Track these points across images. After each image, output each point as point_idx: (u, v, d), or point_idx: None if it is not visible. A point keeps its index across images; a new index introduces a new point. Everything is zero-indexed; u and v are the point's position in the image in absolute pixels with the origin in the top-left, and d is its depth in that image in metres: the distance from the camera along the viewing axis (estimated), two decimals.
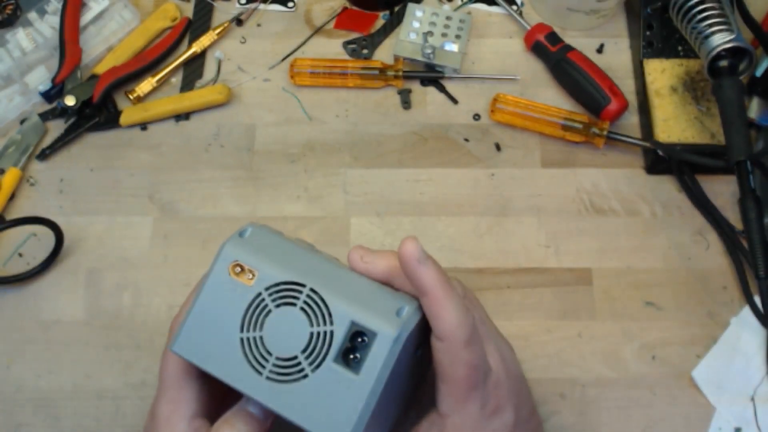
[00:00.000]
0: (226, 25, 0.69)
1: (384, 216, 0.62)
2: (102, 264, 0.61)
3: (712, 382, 0.55)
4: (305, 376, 0.37)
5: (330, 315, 0.37)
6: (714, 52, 0.57)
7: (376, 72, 0.66)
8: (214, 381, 0.41)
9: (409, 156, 0.64)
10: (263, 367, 0.37)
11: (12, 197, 0.63)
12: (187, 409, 0.40)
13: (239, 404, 0.40)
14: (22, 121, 0.66)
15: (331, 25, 0.70)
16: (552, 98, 0.66)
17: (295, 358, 0.37)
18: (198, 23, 0.70)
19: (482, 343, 0.39)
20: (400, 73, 0.66)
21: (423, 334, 0.39)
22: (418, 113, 0.66)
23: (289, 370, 0.37)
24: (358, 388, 0.36)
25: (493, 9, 0.71)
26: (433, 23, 0.68)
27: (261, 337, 0.38)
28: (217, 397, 0.43)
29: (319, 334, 0.37)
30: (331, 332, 0.37)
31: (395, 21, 0.70)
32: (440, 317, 0.37)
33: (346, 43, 0.69)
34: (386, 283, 0.40)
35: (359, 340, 0.37)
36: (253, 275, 0.38)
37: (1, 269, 0.61)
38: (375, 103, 0.67)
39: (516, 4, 0.71)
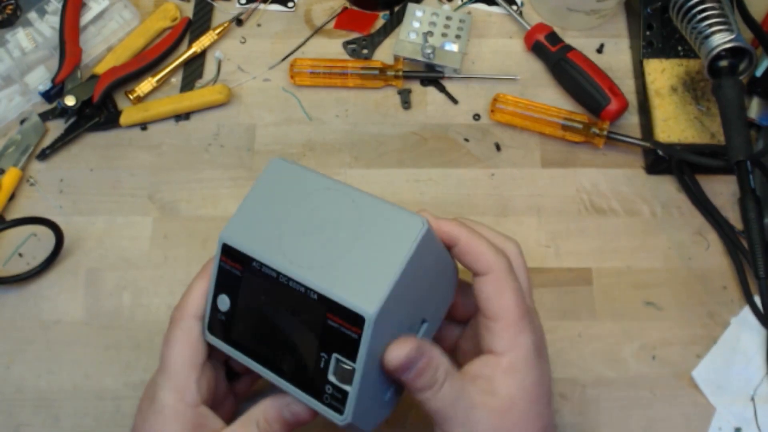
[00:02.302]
0: (226, 25, 0.69)
1: None
2: (102, 264, 0.61)
3: (712, 382, 0.55)
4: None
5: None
6: (714, 52, 0.57)
7: (376, 72, 0.66)
8: (213, 371, 0.43)
9: (409, 156, 0.64)
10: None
11: (12, 197, 0.63)
12: (193, 397, 0.41)
13: (248, 414, 0.40)
14: (22, 121, 0.66)
15: (331, 25, 0.70)
16: (552, 98, 0.66)
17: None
18: (198, 23, 0.70)
19: (522, 283, 0.42)
20: (400, 73, 0.66)
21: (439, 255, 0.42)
22: (418, 113, 0.66)
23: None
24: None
25: (493, 9, 0.71)
26: (433, 23, 0.68)
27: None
28: (214, 387, 0.43)
29: None
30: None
31: (395, 21, 0.70)
32: (478, 256, 0.41)
33: (346, 43, 0.69)
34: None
35: None
36: None
37: (1, 269, 0.61)
38: (375, 103, 0.67)
39: (516, 4, 0.71)
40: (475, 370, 0.40)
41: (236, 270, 0.42)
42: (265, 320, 0.41)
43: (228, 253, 0.42)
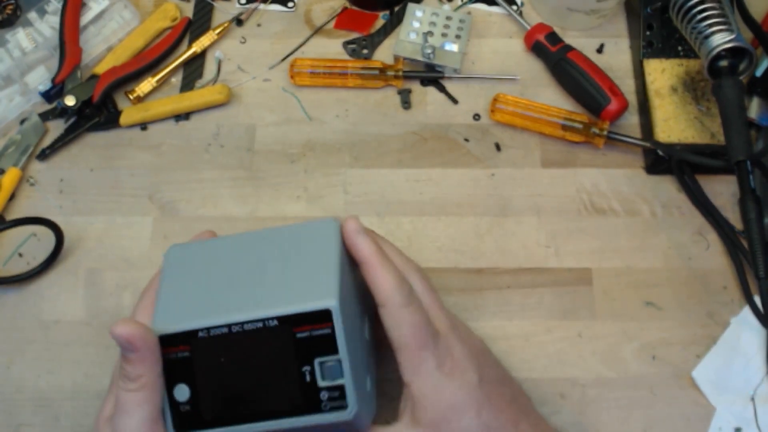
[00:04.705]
0: (226, 25, 0.69)
1: (384, 216, 0.62)
2: (102, 264, 0.61)
3: (712, 382, 0.55)
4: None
5: None
6: (714, 52, 0.57)
7: (376, 72, 0.66)
8: None
9: (409, 156, 0.64)
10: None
11: (12, 197, 0.63)
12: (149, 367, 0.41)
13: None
14: (22, 121, 0.66)
15: (331, 25, 0.70)
16: (552, 98, 0.66)
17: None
18: (198, 23, 0.70)
19: (424, 307, 0.42)
20: (400, 73, 0.66)
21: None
22: (418, 113, 0.66)
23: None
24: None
25: (493, 9, 0.71)
26: (433, 23, 0.68)
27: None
28: None
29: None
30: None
31: (395, 21, 0.70)
32: (377, 284, 0.41)
33: (346, 43, 0.69)
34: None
35: None
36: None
37: (1, 269, 0.61)
38: (375, 103, 0.67)
39: (516, 4, 0.71)
40: (401, 404, 0.42)
41: (183, 352, 0.41)
42: (234, 377, 0.41)
43: (169, 341, 0.41)
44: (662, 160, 0.61)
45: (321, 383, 0.39)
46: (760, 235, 0.55)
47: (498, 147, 0.64)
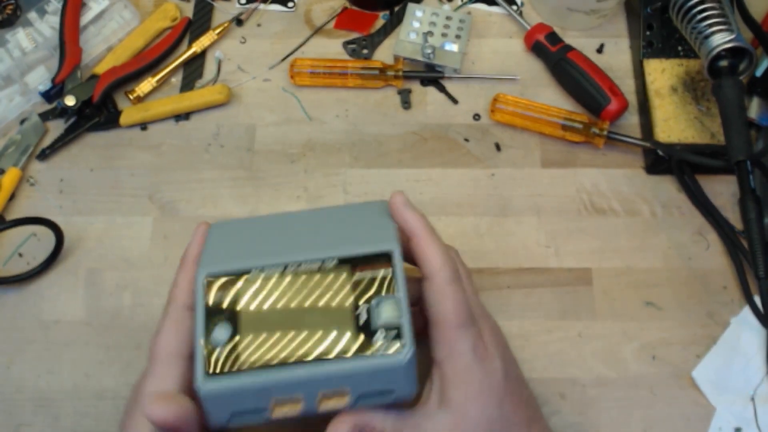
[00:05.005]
0: (226, 25, 0.69)
1: None
2: (102, 264, 0.61)
3: (712, 382, 0.55)
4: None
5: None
6: (714, 52, 0.57)
7: (376, 72, 0.66)
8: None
9: (409, 156, 0.64)
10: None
11: (12, 197, 0.63)
12: (172, 385, 0.40)
13: None
14: (22, 121, 0.66)
15: (331, 25, 0.70)
16: (552, 98, 0.66)
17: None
18: (198, 23, 0.70)
19: (465, 288, 0.42)
20: (400, 73, 0.66)
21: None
22: (418, 113, 0.66)
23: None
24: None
25: (493, 9, 0.71)
26: (433, 23, 0.68)
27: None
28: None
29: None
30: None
31: (395, 21, 0.70)
32: (426, 257, 0.41)
33: (346, 43, 0.69)
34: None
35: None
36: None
37: (1, 269, 0.61)
38: (375, 103, 0.67)
39: (516, 4, 0.71)
40: (426, 386, 0.42)
41: (231, 292, 0.39)
42: (283, 318, 0.38)
43: (217, 282, 0.40)
44: (662, 160, 0.61)
45: (377, 323, 0.38)
46: (760, 235, 0.55)
47: (498, 147, 0.64)
